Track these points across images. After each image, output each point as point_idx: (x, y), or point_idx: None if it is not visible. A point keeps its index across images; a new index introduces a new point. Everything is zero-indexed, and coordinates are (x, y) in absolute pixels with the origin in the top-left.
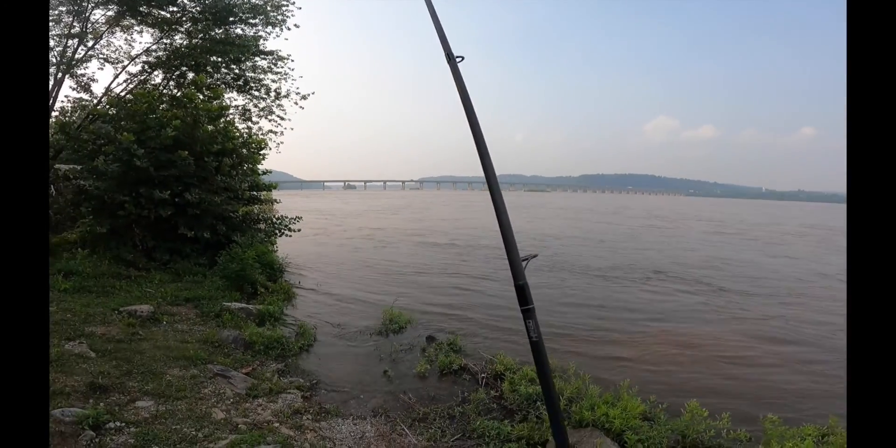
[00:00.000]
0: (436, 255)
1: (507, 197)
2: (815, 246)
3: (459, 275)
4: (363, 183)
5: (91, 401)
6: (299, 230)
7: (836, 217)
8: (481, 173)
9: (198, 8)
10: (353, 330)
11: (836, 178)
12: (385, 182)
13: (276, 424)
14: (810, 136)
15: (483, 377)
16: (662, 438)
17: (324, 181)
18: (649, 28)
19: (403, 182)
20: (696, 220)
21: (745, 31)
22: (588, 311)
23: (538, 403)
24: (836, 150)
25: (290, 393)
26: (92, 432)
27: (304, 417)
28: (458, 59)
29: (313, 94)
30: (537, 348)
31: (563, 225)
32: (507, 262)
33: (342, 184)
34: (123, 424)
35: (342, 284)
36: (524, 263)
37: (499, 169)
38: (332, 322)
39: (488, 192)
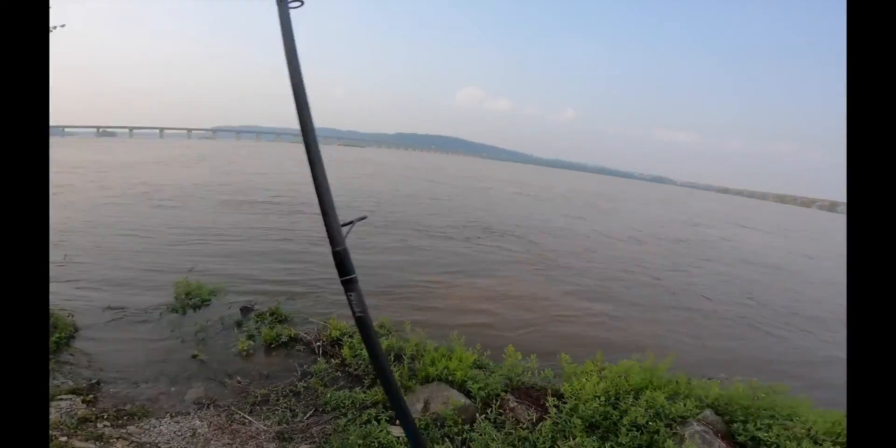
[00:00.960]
0: (240, 215)
1: (323, 151)
2: (600, 212)
3: (273, 238)
4: (128, 129)
5: None
6: None
7: (588, 182)
8: (291, 124)
9: None
10: (135, 310)
11: (587, 150)
12: (162, 129)
13: (63, 438)
14: (571, 117)
15: (319, 346)
16: (497, 384)
17: (64, 126)
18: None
19: (189, 130)
20: (500, 182)
21: (552, 23)
22: (419, 267)
23: None
24: (589, 129)
25: (63, 399)
26: None
27: (101, 424)
28: (294, 4)
29: None
30: (363, 324)
31: (392, 182)
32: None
33: (95, 130)
34: None
35: (108, 256)
36: (347, 228)
37: (316, 121)
38: (102, 304)
39: (299, 145)
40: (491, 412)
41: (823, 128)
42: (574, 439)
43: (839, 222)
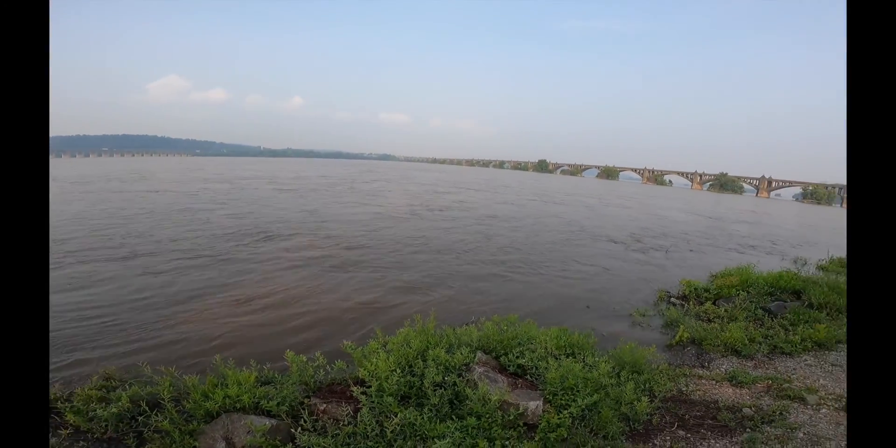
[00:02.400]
0: None
1: None
2: (364, 194)
3: None
4: None
5: None
6: None
7: (332, 168)
8: None
9: None
10: None
11: (312, 139)
12: None
13: None
14: (299, 104)
15: None
16: (294, 393)
17: None
18: None
19: None
20: (246, 180)
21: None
22: (165, 292)
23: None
24: (318, 116)
25: None
26: None
27: None
28: None
29: None
30: None
31: (114, 200)
32: None
33: None
34: None
35: None
36: None
37: None
38: None
39: None
40: (305, 422)
41: (494, 108)
42: (396, 416)
43: (508, 174)
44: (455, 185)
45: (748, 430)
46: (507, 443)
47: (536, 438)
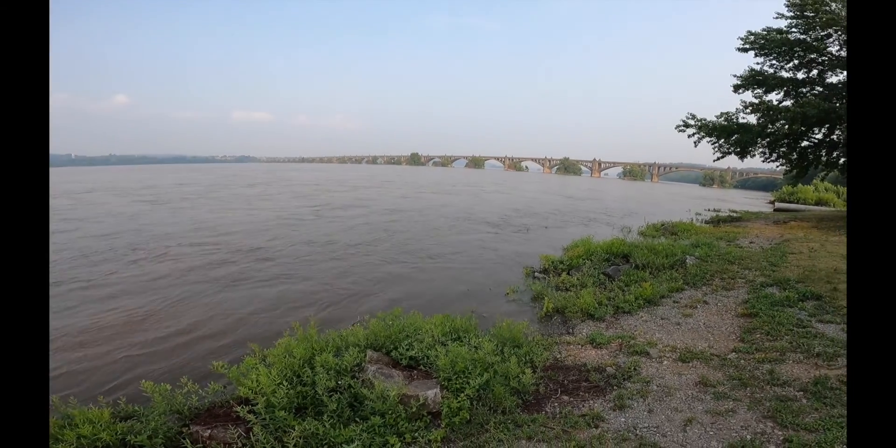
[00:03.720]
0: None
1: None
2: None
3: None
4: None
5: None
6: None
7: (186, 174)
8: None
9: None
10: None
11: (145, 142)
12: None
13: None
14: (123, 104)
15: None
16: (167, 423)
17: None
18: None
19: None
20: (81, 193)
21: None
22: None
23: None
24: (146, 116)
25: None
26: None
27: None
28: None
29: None
30: None
31: None
32: None
33: None
34: None
35: None
36: None
37: None
38: None
39: None
40: None
41: (363, 103)
42: (294, 429)
43: (384, 169)
44: (341, 184)
45: (615, 387)
46: (416, 435)
47: (443, 425)
